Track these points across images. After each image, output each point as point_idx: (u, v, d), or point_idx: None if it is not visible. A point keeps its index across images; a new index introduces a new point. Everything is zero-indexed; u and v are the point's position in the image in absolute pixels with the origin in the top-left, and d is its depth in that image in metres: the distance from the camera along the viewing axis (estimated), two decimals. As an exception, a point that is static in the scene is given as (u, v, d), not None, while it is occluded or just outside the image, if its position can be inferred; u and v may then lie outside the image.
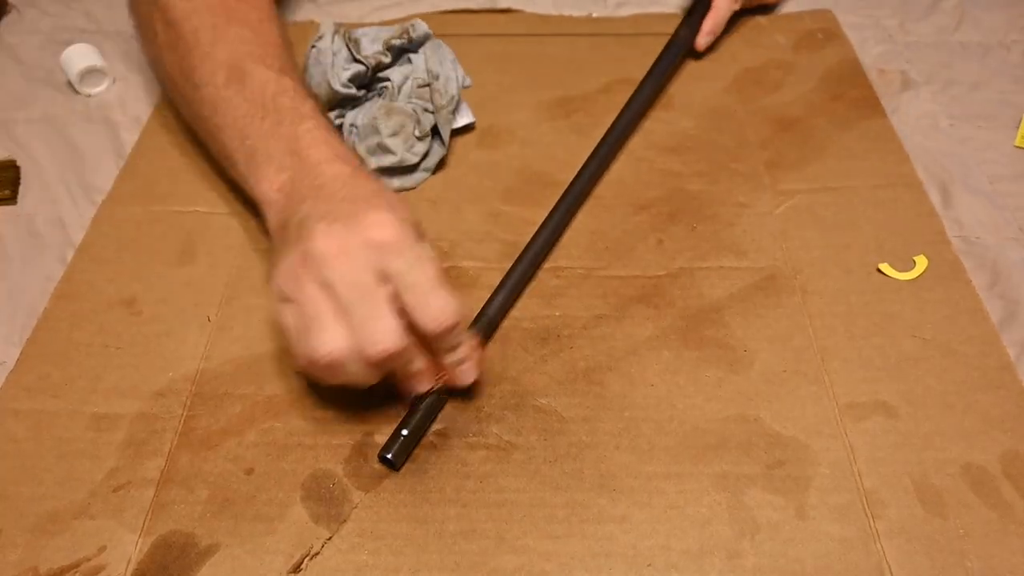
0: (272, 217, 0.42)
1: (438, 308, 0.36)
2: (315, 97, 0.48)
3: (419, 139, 0.52)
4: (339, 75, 0.52)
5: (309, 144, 0.42)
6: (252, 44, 0.48)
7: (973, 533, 0.37)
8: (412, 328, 0.37)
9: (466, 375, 0.40)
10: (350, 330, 0.35)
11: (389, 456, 0.39)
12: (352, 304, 0.35)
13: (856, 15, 0.67)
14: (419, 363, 0.39)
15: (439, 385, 0.40)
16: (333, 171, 0.41)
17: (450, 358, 0.39)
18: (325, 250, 0.36)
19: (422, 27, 0.55)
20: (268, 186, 0.43)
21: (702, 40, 0.63)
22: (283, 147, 0.43)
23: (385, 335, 0.35)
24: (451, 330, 0.37)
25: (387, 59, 0.53)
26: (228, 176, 0.50)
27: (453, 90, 0.54)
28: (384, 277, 0.36)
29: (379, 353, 0.35)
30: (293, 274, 0.36)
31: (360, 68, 0.52)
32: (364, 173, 0.42)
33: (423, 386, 0.40)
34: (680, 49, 0.61)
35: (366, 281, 0.36)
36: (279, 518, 0.38)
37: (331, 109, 0.54)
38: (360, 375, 0.37)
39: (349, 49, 0.52)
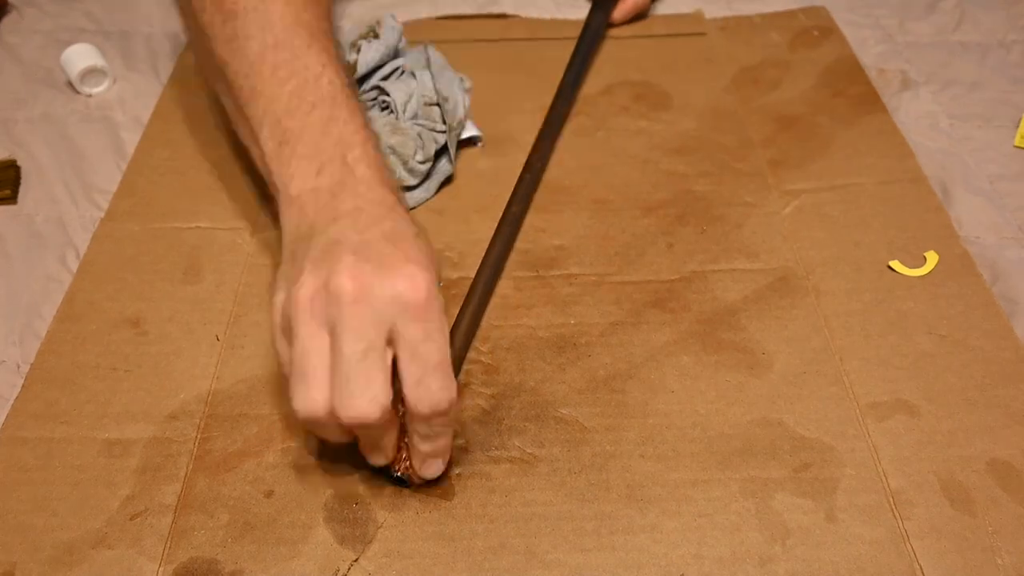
0: (293, 218, 0.38)
1: (437, 390, 0.33)
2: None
3: (420, 163, 0.51)
4: None
5: (360, 157, 0.39)
6: (305, 9, 0.44)
7: (1003, 530, 0.37)
8: (399, 400, 0.35)
9: (431, 468, 0.37)
10: (335, 389, 0.33)
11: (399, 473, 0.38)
12: (348, 361, 0.32)
13: (855, 14, 0.67)
14: (390, 439, 0.36)
15: (399, 472, 0.38)
16: (377, 196, 0.37)
17: (423, 446, 0.36)
18: (347, 290, 0.33)
19: (389, 22, 0.55)
20: (301, 184, 0.39)
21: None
22: (332, 151, 0.39)
23: (366, 405, 0.33)
24: (440, 416, 0.34)
25: (352, 56, 0.53)
26: (242, 147, 0.46)
27: (460, 114, 0.54)
28: (393, 338, 0.33)
29: (352, 421, 0.33)
30: (305, 306, 0.33)
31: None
32: (404, 209, 0.38)
33: (379, 462, 0.37)
34: (596, 39, 0.63)
35: (373, 340, 0.33)
36: (303, 541, 0.37)
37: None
38: (331, 435, 0.36)
39: None
